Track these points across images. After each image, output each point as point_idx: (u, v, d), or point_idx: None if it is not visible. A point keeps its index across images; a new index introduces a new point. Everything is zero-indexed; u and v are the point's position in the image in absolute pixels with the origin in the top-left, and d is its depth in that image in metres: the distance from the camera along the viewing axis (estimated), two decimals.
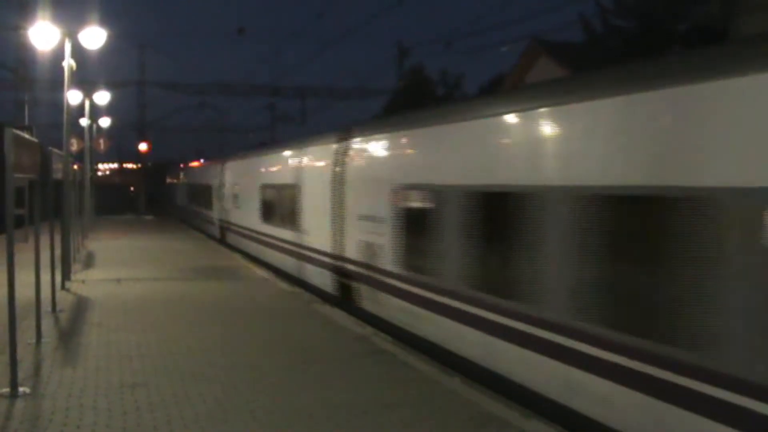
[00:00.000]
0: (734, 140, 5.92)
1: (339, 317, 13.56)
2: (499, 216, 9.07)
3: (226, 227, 30.60)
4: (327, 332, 12.26)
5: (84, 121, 33.49)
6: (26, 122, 43.52)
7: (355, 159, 14.42)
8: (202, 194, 37.35)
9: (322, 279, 16.24)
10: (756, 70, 5.78)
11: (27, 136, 10.85)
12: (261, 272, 20.44)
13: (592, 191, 7.29)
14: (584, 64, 23.83)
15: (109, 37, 19.47)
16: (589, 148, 7.61)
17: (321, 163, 16.69)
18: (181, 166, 51.88)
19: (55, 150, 15.76)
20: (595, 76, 8.52)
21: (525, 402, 8.31)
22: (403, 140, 12.78)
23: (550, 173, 8.12)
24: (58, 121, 20.59)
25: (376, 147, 13.87)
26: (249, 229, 25.04)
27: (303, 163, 18.48)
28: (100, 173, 67.53)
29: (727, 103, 6.03)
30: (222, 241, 30.85)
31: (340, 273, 14.97)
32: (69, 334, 11.84)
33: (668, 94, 6.60)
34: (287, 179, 19.75)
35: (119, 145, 71.02)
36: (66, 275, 17.38)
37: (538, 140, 8.53)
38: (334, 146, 15.55)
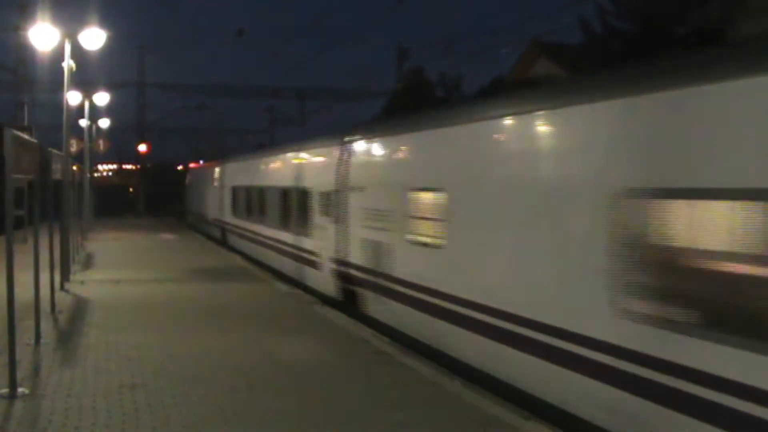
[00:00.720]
0: None
1: (339, 319, 13.55)
2: None
3: (368, 284, 13.59)
4: (327, 334, 12.25)
5: (83, 122, 33.46)
6: (26, 123, 43.48)
7: None
8: (279, 206, 20.92)
9: None
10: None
11: (26, 136, 10.85)
12: (260, 273, 20.42)
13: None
14: (583, 65, 23.86)
15: (109, 38, 19.45)
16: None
17: None
18: (218, 160, 36.22)
19: (55, 151, 15.75)
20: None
21: (525, 404, 8.31)
22: None
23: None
24: (58, 122, 20.57)
25: None
26: (520, 320, 8.67)
27: None
28: (97, 174, 67.40)
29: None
30: (347, 304, 14.66)
31: None
32: (68, 335, 11.83)
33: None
34: None
35: (119, 146, 71.02)
36: (65, 276, 17.37)
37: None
38: None
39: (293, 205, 19.19)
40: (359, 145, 14.58)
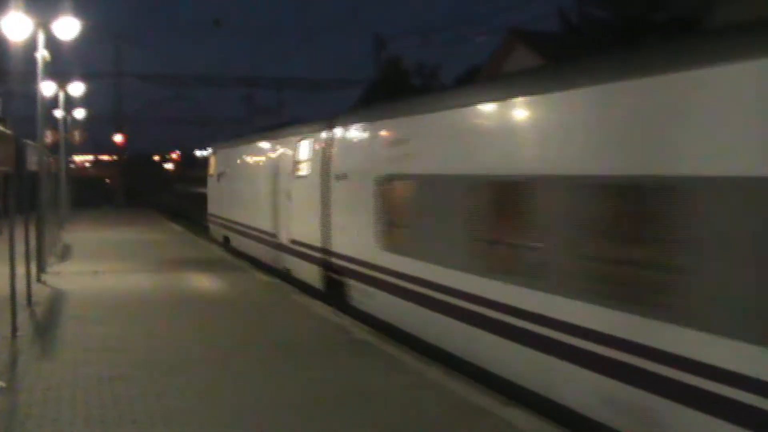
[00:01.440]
0: None
1: (318, 308, 13.54)
2: None
3: None
4: (306, 323, 12.25)
5: (58, 113, 33.19)
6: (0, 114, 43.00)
7: None
8: None
9: None
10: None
11: (0, 128, 10.74)
12: (239, 263, 20.35)
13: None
14: (561, 54, 23.91)
15: (84, 27, 19.29)
16: None
17: None
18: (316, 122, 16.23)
19: (30, 142, 15.60)
20: None
21: (504, 391, 8.36)
22: None
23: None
24: (33, 113, 20.39)
25: None
26: None
27: None
28: (74, 166, 66.89)
29: None
30: None
31: None
32: (45, 327, 11.74)
33: None
34: None
35: (96, 137, 70.57)
36: (41, 268, 17.23)
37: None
38: None
39: None
40: None
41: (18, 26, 17.60)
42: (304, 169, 16.32)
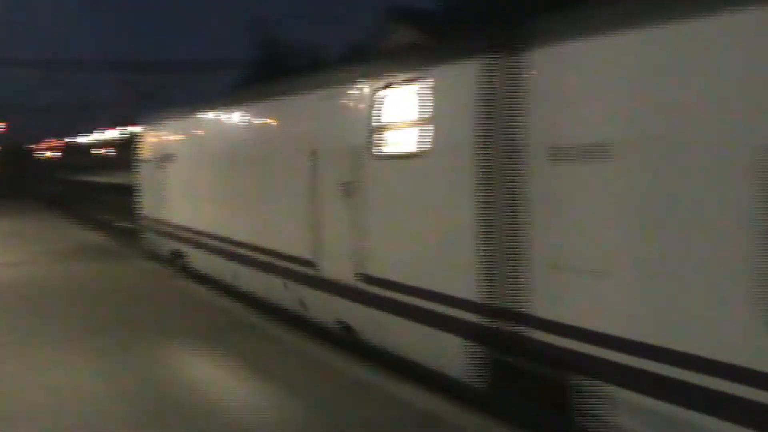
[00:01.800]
0: None
1: (201, 292, 13.42)
2: None
3: None
4: (191, 307, 12.12)
5: None
6: None
7: None
8: None
9: None
10: None
11: None
12: (123, 250, 19.86)
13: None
14: (441, 31, 24.19)
15: None
16: None
17: None
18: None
19: None
20: None
21: (393, 367, 8.44)
22: None
23: None
24: None
25: None
26: None
27: None
28: None
29: None
30: None
31: None
32: None
33: None
34: None
35: None
36: None
37: None
38: None
39: None
40: None
41: None
42: (403, 142, 8.22)
